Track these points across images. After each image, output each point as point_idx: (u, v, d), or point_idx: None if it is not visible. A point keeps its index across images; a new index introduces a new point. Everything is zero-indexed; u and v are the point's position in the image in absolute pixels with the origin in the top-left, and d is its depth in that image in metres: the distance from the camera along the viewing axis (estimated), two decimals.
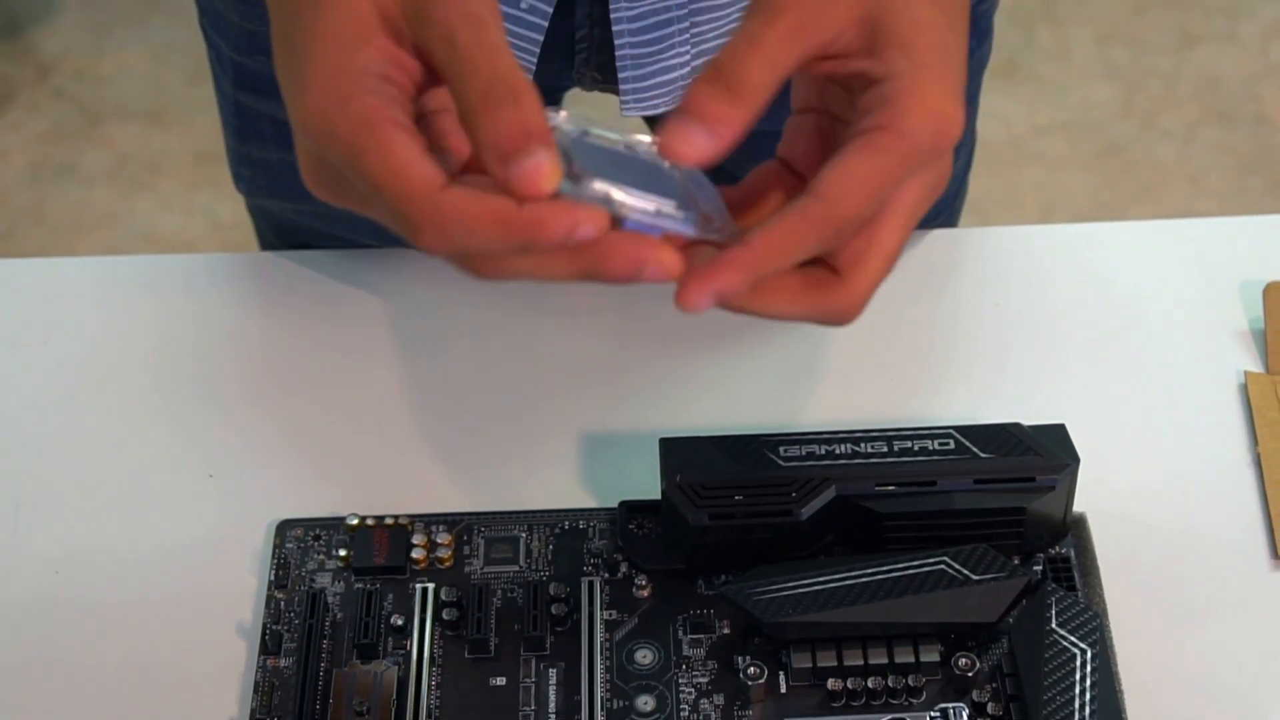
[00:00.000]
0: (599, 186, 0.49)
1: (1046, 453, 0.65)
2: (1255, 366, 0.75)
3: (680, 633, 0.65)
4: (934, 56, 0.51)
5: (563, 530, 0.68)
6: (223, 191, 1.85)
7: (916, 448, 0.65)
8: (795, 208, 0.50)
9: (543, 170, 0.47)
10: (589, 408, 0.74)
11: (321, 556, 0.68)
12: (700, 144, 0.49)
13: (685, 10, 0.72)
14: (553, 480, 0.71)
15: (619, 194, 0.49)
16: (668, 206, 0.50)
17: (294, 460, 0.72)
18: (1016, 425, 0.66)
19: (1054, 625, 0.62)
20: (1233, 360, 0.75)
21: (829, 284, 0.52)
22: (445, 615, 0.65)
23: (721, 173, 0.53)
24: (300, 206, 0.86)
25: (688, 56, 0.73)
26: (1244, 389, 0.74)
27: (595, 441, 0.73)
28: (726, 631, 0.65)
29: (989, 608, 0.63)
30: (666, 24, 0.72)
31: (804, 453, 0.65)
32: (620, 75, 0.73)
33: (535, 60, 0.72)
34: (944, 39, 0.51)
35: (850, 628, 0.63)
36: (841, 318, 0.53)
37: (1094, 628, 0.62)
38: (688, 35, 0.72)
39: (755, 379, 0.75)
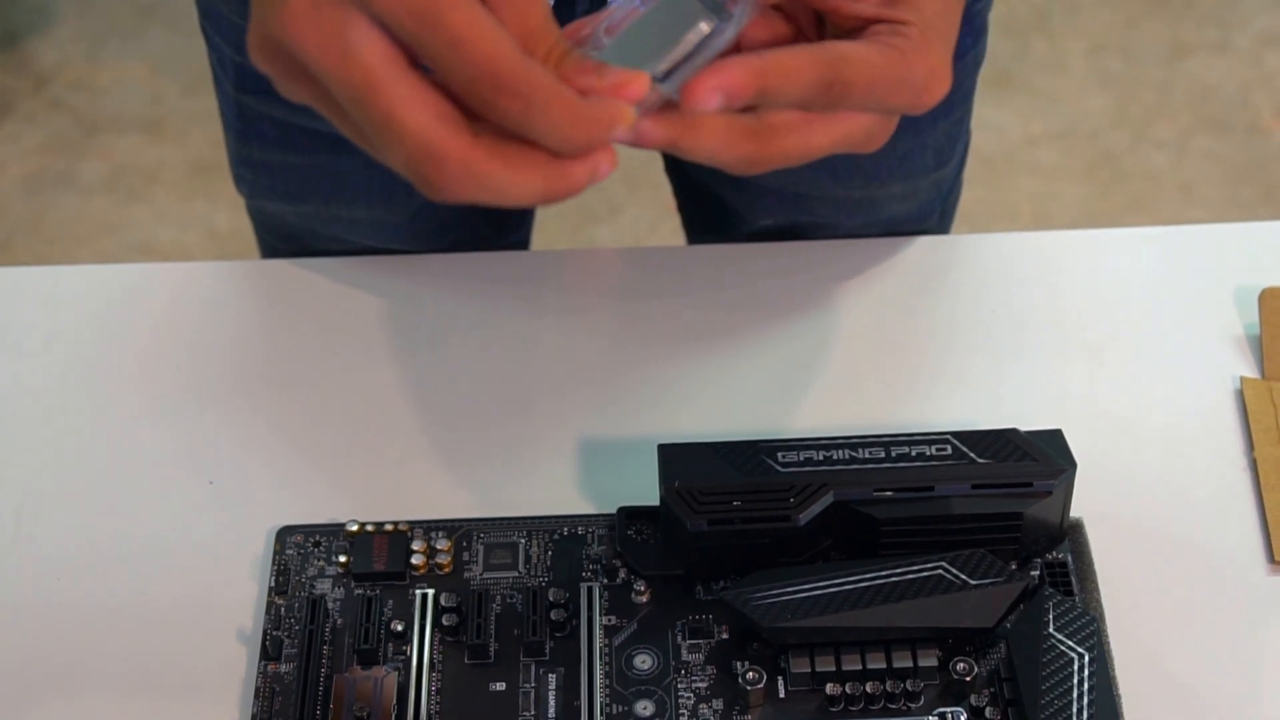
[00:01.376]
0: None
1: (1043, 458, 0.65)
2: (1251, 372, 0.75)
3: (679, 638, 0.65)
4: (939, 21, 0.54)
5: (562, 536, 0.69)
6: (219, 202, 1.85)
7: (914, 453, 0.65)
8: (813, 47, 0.52)
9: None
10: (587, 414, 0.74)
11: (321, 562, 0.68)
12: None
13: None
14: (551, 486, 0.72)
15: (664, 68, 0.51)
16: (702, 32, 0.52)
17: (294, 467, 0.73)
18: (1014, 431, 0.66)
19: (1051, 630, 0.62)
20: (1228, 366, 0.75)
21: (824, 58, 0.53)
22: (445, 621, 0.65)
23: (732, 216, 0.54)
24: (301, 209, 0.86)
25: None
26: (1239, 394, 0.74)
27: (594, 447, 0.73)
28: (725, 636, 0.65)
29: (987, 612, 0.63)
30: None
31: (802, 458, 0.65)
32: None
33: None
34: (949, 7, 0.55)
35: (848, 632, 0.63)
36: None
37: (1091, 632, 0.62)
38: None
39: (753, 384, 0.75)
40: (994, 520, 0.65)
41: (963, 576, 0.63)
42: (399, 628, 0.65)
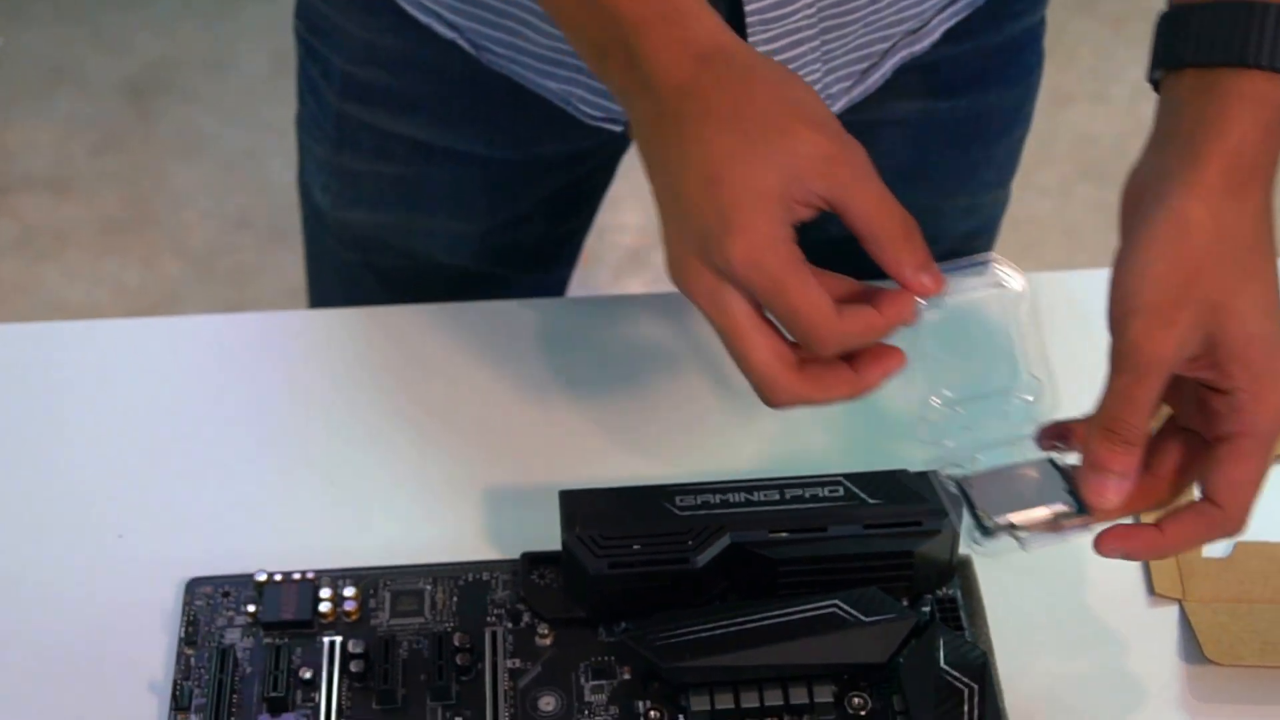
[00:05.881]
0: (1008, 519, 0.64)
1: (931, 497, 0.67)
2: None
3: (582, 679, 0.67)
4: (1267, 364, 0.60)
5: (466, 582, 0.70)
6: (129, 259, 1.85)
7: (807, 495, 0.67)
8: (1199, 510, 0.62)
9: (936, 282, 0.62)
10: (491, 462, 0.76)
11: (230, 612, 0.69)
12: (1118, 490, 0.62)
13: (816, 30, 0.74)
14: (456, 534, 0.73)
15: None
16: (1060, 509, 0.64)
17: (203, 519, 0.73)
18: (903, 471, 0.68)
19: (943, 664, 0.64)
20: None
21: (1215, 518, 0.62)
22: (353, 667, 0.66)
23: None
24: (382, 218, 0.89)
25: (819, 74, 0.76)
26: None
27: (497, 495, 0.74)
28: (627, 677, 0.67)
29: (880, 648, 0.64)
30: (798, 44, 0.74)
31: (699, 502, 0.67)
32: None
33: None
34: (1274, 347, 0.60)
35: (747, 671, 0.64)
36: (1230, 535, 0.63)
37: (981, 665, 0.64)
38: (819, 54, 0.75)
39: (653, 431, 0.77)
40: (886, 559, 0.67)
41: (856, 614, 0.65)
42: (308, 675, 0.66)
